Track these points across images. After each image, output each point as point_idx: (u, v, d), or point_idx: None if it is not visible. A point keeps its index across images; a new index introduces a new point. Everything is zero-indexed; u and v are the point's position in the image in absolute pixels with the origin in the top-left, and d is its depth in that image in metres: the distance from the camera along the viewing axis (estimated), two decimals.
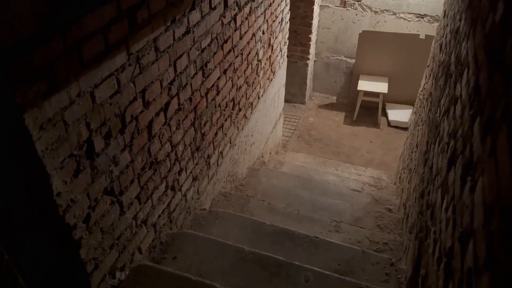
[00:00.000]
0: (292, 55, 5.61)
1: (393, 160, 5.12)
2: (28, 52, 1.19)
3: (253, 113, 3.54)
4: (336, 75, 6.11)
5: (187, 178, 2.46)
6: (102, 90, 1.54)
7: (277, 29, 3.67)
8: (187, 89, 2.22)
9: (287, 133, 5.59)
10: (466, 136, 1.35)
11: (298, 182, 3.61)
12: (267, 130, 4.22)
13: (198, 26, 2.18)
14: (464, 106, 1.52)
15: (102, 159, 1.64)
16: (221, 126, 2.85)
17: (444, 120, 1.92)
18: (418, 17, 5.26)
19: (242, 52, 2.92)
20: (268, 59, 3.65)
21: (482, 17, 1.55)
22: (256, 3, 2.97)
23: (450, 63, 2.15)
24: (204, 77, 2.40)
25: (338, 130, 5.72)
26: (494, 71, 1.21)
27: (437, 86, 2.52)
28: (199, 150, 2.55)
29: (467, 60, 1.66)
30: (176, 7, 1.92)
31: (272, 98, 4.13)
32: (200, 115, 2.46)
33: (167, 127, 2.10)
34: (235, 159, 3.32)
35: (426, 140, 2.43)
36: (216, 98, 2.65)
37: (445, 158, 1.65)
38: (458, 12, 2.28)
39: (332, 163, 4.77)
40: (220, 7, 2.39)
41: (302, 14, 5.31)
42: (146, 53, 1.77)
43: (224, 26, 2.52)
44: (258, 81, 3.50)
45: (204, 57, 2.33)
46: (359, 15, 5.51)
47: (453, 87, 1.87)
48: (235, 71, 2.89)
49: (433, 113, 2.38)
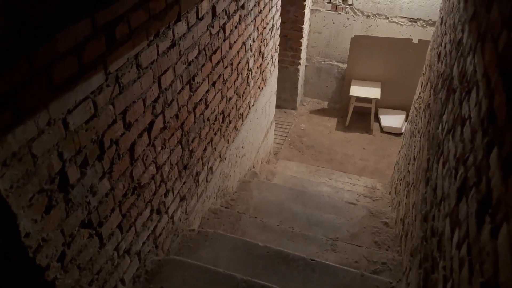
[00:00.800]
0: (283, 60, 5.48)
1: (387, 167, 5.02)
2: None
3: (243, 124, 3.40)
4: (327, 80, 5.99)
5: (174, 199, 2.31)
6: (76, 116, 1.39)
7: (268, 36, 3.53)
8: (173, 105, 2.07)
9: (279, 140, 5.46)
10: (481, 166, 1.23)
11: (291, 195, 3.48)
12: (258, 140, 4.08)
13: (185, 38, 2.03)
14: (474, 130, 1.39)
15: (77, 190, 1.48)
16: (211, 141, 2.70)
17: (449, 140, 1.80)
18: (411, 21, 5.16)
19: (232, 62, 2.78)
20: (259, 67, 3.51)
21: (492, 33, 1.42)
22: (246, 11, 2.83)
23: (452, 77, 2.03)
24: (192, 92, 2.25)
25: (331, 137, 5.61)
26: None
27: (437, 99, 2.41)
28: (187, 168, 2.39)
29: (475, 78, 1.54)
30: (160, 20, 1.77)
31: (263, 107, 3.99)
32: (188, 131, 2.31)
33: (151, 148, 1.94)
34: (226, 173, 3.17)
35: (426, 156, 2.31)
36: (205, 112, 2.51)
37: (453, 184, 1.52)
38: (460, 22, 2.17)
39: (325, 171, 4.65)
40: (208, 17, 2.24)
41: (293, 19, 5.18)
42: (126, 71, 1.61)
43: (213, 37, 2.37)
44: (249, 91, 3.35)
45: (191, 70, 2.18)
46: (350, 19, 5.40)
47: (458, 105, 1.75)
48: (225, 83, 2.74)
49: (434, 128, 2.27)
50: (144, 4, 1.63)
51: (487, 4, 1.59)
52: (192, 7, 2.04)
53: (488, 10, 1.56)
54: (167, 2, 1.79)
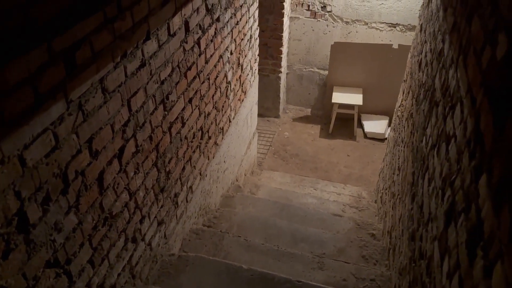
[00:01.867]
0: (263, 69, 5.41)
1: (372, 174, 4.98)
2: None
3: (224, 138, 3.30)
4: (309, 87, 5.94)
5: (151, 224, 2.19)
6: (34, 150, 1.27)
7: (246, 47, 3.44)
8: (146, 127, 1.96)
9: (263, 149, 5.37)
10: (469, 192, 1.15)
11: (276, 209, 3.39)
12: (241, 152, 3.99)
13: (156, 56, 1.92)
14: (460, 150, 1.32)
15: (40, 229, 1.36)
16: (189, 159, 2.59)
17: (433, 156, 1.74)
18: (390, 27, 5.15)
19: (209, 77, 2.68)
20: (238, 79, 3.42)
21: (474, 47, 1.36)
22: (221, 23, 2.74)
23: (434, 89, 1.98)
24: (166, 111, 2.14)
25: (314, 144, 5.54)
26: (501, 121, 1.02)
27: (420, 110, 2.35)
28: (164, 191, 2.28)
29: (459, 94, 1.48)
30: (127, 40, 1.66)
31: (245, 119, 3.90)
32: (164, 152, 2.20)
33: (123, 175, 1.83)
34: (207, 190, 3.07)
35: (411, 169, 2.25)
36: (182, 131, 2.40)
37: (440, 206, 1.45)
38: (440, 32, 2.12)
39: (310, 181, 4.57)
40: (180, 33, 2.15)
41: (272, 27, 5.12)
42: (90, 97, 1.50)
43: (187, 52, 2.28)
44: (229, 104, 3.26)
45: (164, 89, 2.08)
46: (330, 26, 5.36)
47: (442, 120, 1.69)
48: (202, 98, 2.64)
49: (418, 140, 2.21)
50: (108, 25, 1.53)
51: (467, 16, 1.54)
52: (163, 24, 1.94)
53: (468, 22, 1.51)
54: (134, 21, 1.69)
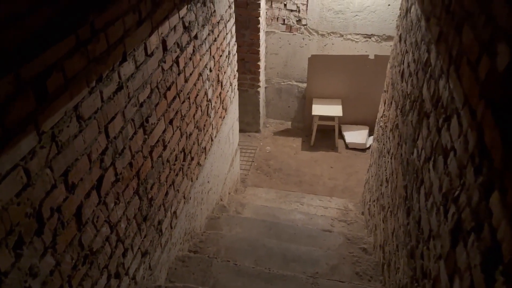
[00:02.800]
0: (242, 84, 5.34)
1: (356, 185, 4.95)
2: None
3: (207, 158, 3.19)
4: (288, 100, 5.91)
5: (135, 256, 2.05)
6: (3, 190, 1.14)
7: (225, 64, 3.37)
8: (125, 154, 1.84)
9: (245, 165, 5.28)
10: (479, 210, 1.09)
11: (264, 228, 3.28)
12: (224, 171, 3.88)
13: (133, 78, 1.82)
14: (462, 164, 1.26)
15: (13, 276, 1.22)
16: (172, 183, 2.47)
17: (429, 169, 1.68)
18: (365, 38, 5.19)
19: (189, 96, 2.58)
20: (219, 96, 3.33)
21: (468, 57, 1.32)
22: (199, 41, 2.66)
23: (423, 100, 1.94)
24: (146, 135, 2.03)
25: (297, 157, 5.49)
26: (510, 136, 0.96)
27: (407, 121, 2.31)
28: (147, 219, 2.15)
29: (453, 106, 1.43)
30: (102, 63, 1.55)
31: (227, 136, 3.80)
32: (145, 179, 2.08)
33: (103, 207, 1.70)
34: (192, 213, 2.94)
35: (403, 183, 2.20)
36: (163, 154, 2.28)
37: (443, 224, 1.39)
38: (423, 42, 2.09)
39: (296, 195, 4.50)
40: (158, 52, 2.05)
41: (249, 42, 5.07)
42: (64, 126, 1.38)
43: (166, 72, 2.18)
44: (210, 122, 3.16)
45: (144, 112, 1.97)
46: (306, 39, 5.36)
47: (435, 132, 1.64)
48: (183, 118, 2.54)
49: (408, 152, 2.16)
50: (81, 48, 1.42)
51: (456, 26, 1.50)
52: (139, 44, 1.84)
53: (458, 32, 1.47)
54: (109, 43, 1.59)
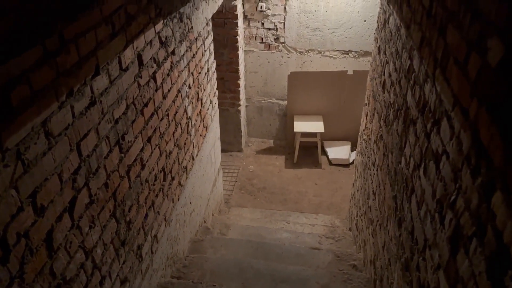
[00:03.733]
0: (222, 103, 5.28)
1: (342, 200, 4.89)
2: None
3: (188, 177, 3.08)
4: (270, 118, 5.87)
5: (113, 285, 1.91)
6: None
7: (204, 81, 3.30)
8: (100, 173, 1.72)
9: (228, 186, 5.16)
10: (480, 213, 1.03)
11: (250, 249, 3.16)
12: (207, 191, 3.76)
13: (107, 93, 1.72)
14: (456, 167, 1.21)
15: None
16: (152, 205, 2.35)
17: (419, 177, 1.62)
18: (343, 54, 5.23)
19: (168, 113, 2.49)
20: (199, 114, 3.25)
21: (455, 58, 1.28)
22: (177, 57, 2.59)
23: (408, 107, 1.90)
24: (122, 153, 1.92)
25: (281, 175, 5.41)
26: (508, 131, 0.91)
27: (391, 131, 2.28)
28: (126, 244, 2.02)
29: (442, 108, 1.39)
30: (73, 76, 1.46)
31: (208, 155, 3.70)
32: (122, 200, 1.95)
33: (76, 231, 1.57)
34: (174, 237, 2.80)
35: (391, 194, 2.14)
36: (142, 174, 2.17)
37: (440, 232, 1.32)
38: (405, 50, 2.07)
39: (281, 214, 4.39)
40: (133, 67, 1.96)
41: (228, 61, 5.04)
42: (31, 143, 1.27)
43: (142, 88, 2.09)
44: (191, 140, 3.07)
45: (119, 129, 1.87)
46: (284, 56, 5.38)
47: (424, 138, 1.59)
48: (162, 136, 2.44)
49: (395, 162, 2.11)
50: (49, 60, 1.33)
51: (439, 29, 1.48)
52: (113, 58, 1.75)
53: (442, 34, 1.44)
54: (80, 55, 1.50)
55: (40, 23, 1.26)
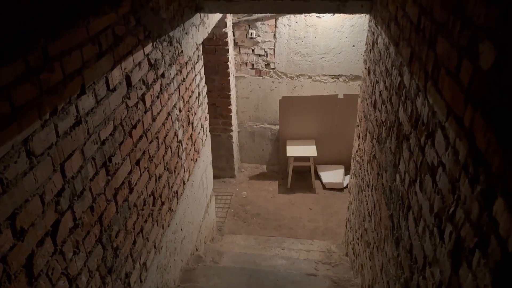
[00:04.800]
0: (214, 129, 5.26)
1: (337, 225, 4.80)
2: None
3: (179, 203, 3.00)
4: (262, 143, 5.85)
5: None
6: None
7: (195, 104, 3.28)
8: (85, 196, 1.65)
9: (221, 213, 5.06)
10: (481, 223, 0.98)
11: (244, 277, 3.05)
12: (199, 217, 3.67)
13: (93, 113, 1.68)
14: (454, 178, 1.17)
15: None
16: (141, 231, 2.26)
17: (415, 192, 1.58)
18: (333, 78, 5.28)
19: (157, 135, 2.45)
20: (190, 138, 3.21)
21: (447, 67, 1.27)
22: (167, 80, 2.57)
23: (400, 123, 1.88)
24: (109, 175, 1.86)
25: (275, 201, 5.33)
26: (505, 135, 0.88)
27: (384, 149, 2.25)
28: (113, 271, 1.92)
29: (436, 120, 1.36)
30: (57, 94, 1.42)
31: (200, 180, 3.64)
32: (109, 225, 1.88)
33: (59, 257, 1.49)
34: (164, 265, 2.70)
35: (387, 213, 2.09)
36: (130, 198, 2.10)
37: (439, 247, 1.26)
38: (394, 67, 2.08)
39: (276, 240, 4.29)
40: (121, 88, 1.93)
41: (219, 87, 5.06)
42: (11, 162, 1.21)
43: (131, 109, 2.05)
44: (181, 164, 3.01)
45: (106, 150, 1.81)
46: (275, 82, 5.41)
47: (418, 152, 1.56)
48: (152, 159, 2.38)
49: (390, 180, 2.07)
50: (32, 76, 1.29)
51: (429, 42, 1.47)
52: (100, 78, 1.72)
53: (431, 46, 1.44)
54: (65, 73, 1.46)
55: (22, 38, 1.23)
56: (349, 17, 4.86)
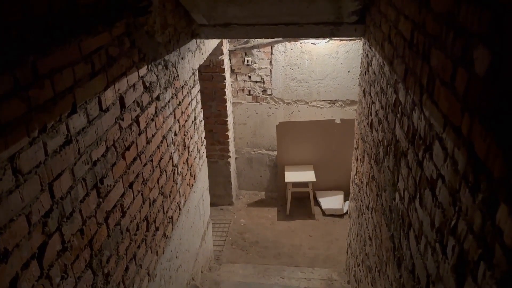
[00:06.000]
0: (211, 155, 5.23)
1: (338, 252, 4.68)
2: None
3: (175, 229, 2.92)
4: (260, 169, 5.80)
5: None
6: None
7: (191, 129, 3.26)
8: (75, 218, 1.60)
9: (219, 241, 4.94)
10: (485, 234, 0.93)
11: None
12: (195, 245, 3.57)
13: (85, 133, 1.65)
14: (454, 189, 1.13)
15: None
16: (133, 257, 2.19)
17: (415, 209, 1.53)
18: (330, 103, 5.30)
19: (152, 158, 2.41)
20: (186, 162, 3.17)
21: (441, 78, 1.25)
22: (162, 103, 2.56)
23: (397, 140, 1.85)
24: (101, 198, 1.81)
25: (274, 228, 5.22)
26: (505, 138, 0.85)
27: (383, 168, 2.21)
28: None
29: (433, 132, 1.33)
30: (47, 111, 1.39)
31: (196, 206, 3.57)
32: (100, 249, 1.81)
33: (46, 281, 1.42)
34: None
35: (388, 234, 2.02)
36: (122, 222, 2.04)
37: (443, 263, 1.21)
38: (389, 86, 2.07)
39: (276, 269, 4.17)
40: (115, 109, 1.91)
41: (216, 113, 5.07)
42: None
43: (124, 131, 2.02)
44: (177, 189, 2.96)
45: (98, 172, 1.77)
46: (272, 108, 5.43)
47: (417, 167, 1.52)
48: (145, 182, 2.33)
49: (389, 199, 2.02)
50: (21, 92, 1.27)
51: (423, 55, 1.47)
52: (92, 97, 1.70)
53: (426, 60, 1.43)
54: (55, 91, 1.44)
55: (11, 53, 1.22)
56: (343, 43, 4.93)
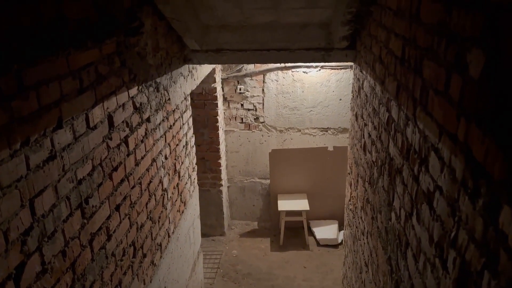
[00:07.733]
0: (203, 183, 5.15)
1: (333, 284, 4.54)
2: None
3: (163, 257, 2.81)
4: (253, 198, 5.71)
5: None
6: None
7: (182, 153, 3.21)
8: (57, 238, 1.52)
9: (210, 273, 4.78)
10: (488, 241, 0.88)
11: None
12: (185, 276, 3.44)
13: (70, 149, 1.60)
14: (452, 198, 1.08)
15: None
16: (119, 283, 2.08)
17: (413, 226, 1.48)
18: (322, 131, 5.31)
19: (140, 181, 2.35)
20: (176, 187, 3.09)
21: (435, 88, 1.24)
22: (153, 125, 2.52)
23: (392, 158, 1.82)
24: (85, 218, 1.73)
25: (267, 259, 5.08)
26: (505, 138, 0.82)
27: (377, 189, 2.16)
28: None
29: (428, 144, 1.30)
30: (31, 124, 1.35)
31: (187, 234, 3.46)
32: (83, 273, 1.71)
33: None
34: None
35: (385, 257, 1.95)
36: (107, 245, 1.95)
37: (443, 279, 1.14)
38: (382, 105, 2.06)
39: None
40: (103, 127, 1.87)
41: (208, 140, 5.04)
42: None
43: (112, 150, 1.97)
44: (166, 215, 2.87)
45: (83, 191, 1.70)
46: (265, 135, 5.42)
47: (413, 182, 1.48)
48: (133, 206, 2.26)
49: (385, 221, 1.96)
50: (3, 102, 1.22)
51: (415, 68, 1.46)
52: (80, 114, 1.66)
53: (418, 73, 1.42)
54: (40, 104, 1.40)
55: None
56: (334, 72, 5.00)
